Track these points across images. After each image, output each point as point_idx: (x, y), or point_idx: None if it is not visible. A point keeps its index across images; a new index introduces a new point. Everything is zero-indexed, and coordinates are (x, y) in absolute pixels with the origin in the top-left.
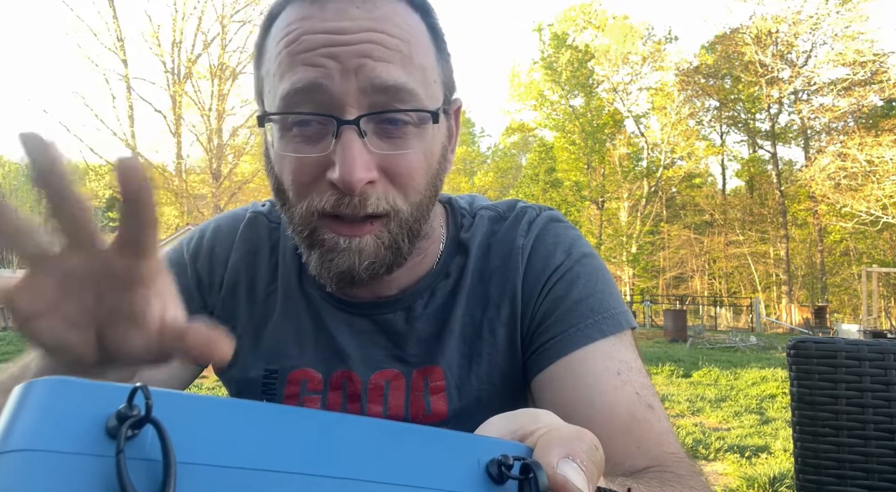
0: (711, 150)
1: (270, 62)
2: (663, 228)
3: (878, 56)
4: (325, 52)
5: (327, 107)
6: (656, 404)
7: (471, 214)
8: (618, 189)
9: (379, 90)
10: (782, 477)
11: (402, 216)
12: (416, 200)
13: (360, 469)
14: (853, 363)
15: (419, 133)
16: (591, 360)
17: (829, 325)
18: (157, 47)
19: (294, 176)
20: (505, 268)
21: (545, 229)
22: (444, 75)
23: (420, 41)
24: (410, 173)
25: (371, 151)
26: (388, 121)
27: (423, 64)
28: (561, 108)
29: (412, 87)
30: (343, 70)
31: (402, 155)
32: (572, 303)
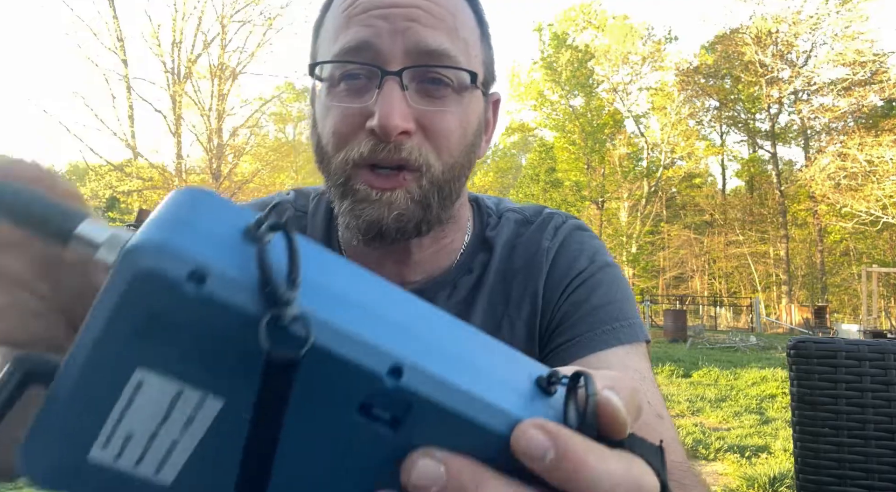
0: (711, 150)
1: (328, 27)
2: (663, 228)
3: (878, 56)
4: (377, 14)
5: (375, 62)
6: (665, 414)
7: (497, 214)
8: (618, 189)
9: (423, 53)
10: (782, 477)
11: (433, 173)
12: (449, 162)
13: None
14: (853, 363)
15: (458, 99)
16: (605, 365)
17: (829, 325)
18: (157, 47)
19: (335, 127)
20: (528, 268)
21: (570, 236)
22: (485, 57)
23: (465, 19)
24: (446, 133)
25: (411, 106)
26: (429, 80)
27: (467, 38)
28: (561, 108)
29: (455, 54)
30: (392, 30)
31: (439, 112)
32: (592, 308)
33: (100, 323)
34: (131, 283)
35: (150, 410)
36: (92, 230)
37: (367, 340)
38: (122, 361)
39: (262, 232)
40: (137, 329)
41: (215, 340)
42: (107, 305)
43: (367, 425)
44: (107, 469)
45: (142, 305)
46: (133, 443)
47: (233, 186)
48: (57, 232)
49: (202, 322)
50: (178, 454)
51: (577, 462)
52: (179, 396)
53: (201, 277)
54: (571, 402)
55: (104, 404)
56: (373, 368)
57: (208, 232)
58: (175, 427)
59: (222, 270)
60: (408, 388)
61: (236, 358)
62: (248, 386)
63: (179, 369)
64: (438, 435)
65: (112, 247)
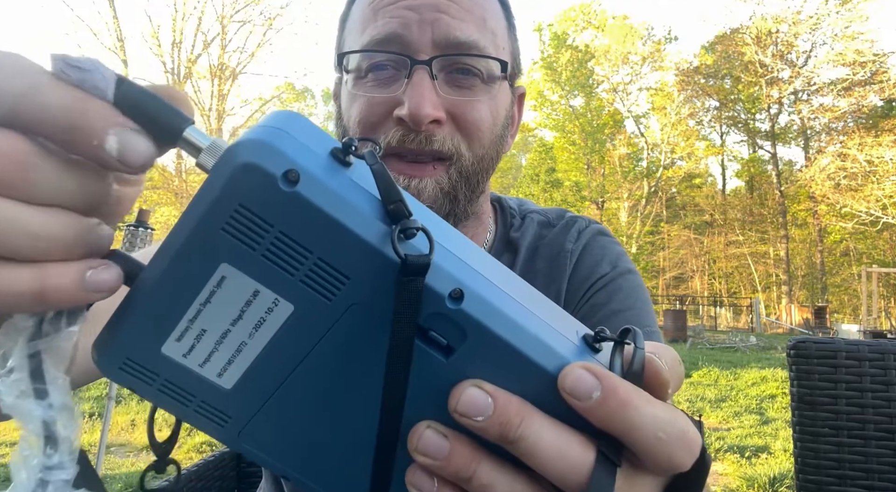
0: (711, 150)
1: (354, 18)
2: (663, 228)
3: (878, 56)
4: (405, 5)
5: (404, 52)
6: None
7: (520, 215)
8: (618, 189)
9: (452, 44)
10: (782, 477)
11: (464, 163)
12: (480, 152)
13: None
14: (853, 363)
15: (487, 89)
16: None
17: (829, 325)
18: (157, 47)
19: (362, 115)
20: (550, 269)
21: (593, 240)
22: (512, 49)
23: (494, 10)
24: (476, 122)
25: (440, 95)
26: (458, 71)
27: (495, 29)
28: (561, 108)
29: (484, 45)
30: (420, 21)
31: (469, 102)
32: (610, 312)
33: (195, 216)
34: (232, 174)
35: (226, 307)
36: (197, 135)
37: (435, 262)
38: (209, 254)
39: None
40: (230, 222)
41: (300, 242)
42: (204, 199)
43: (421, 348)
44: (175, 365)
45: (237, 197)
46: (205, 340)
47: None
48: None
49: (291, 223)
50: (242, 358)
51: (624, 402)
52: (256, 296)
53: (294, 179)
54: (618, 356)
55: (186, 296)
56: (437, 288)
57: (304, 143)
58: (246, 328)
59: (318, 175)
60: (467, 312)
61: (315, 265)
62: (319, 293)
63: (260, 268)
64: (489, 368)
65: (213, 152)
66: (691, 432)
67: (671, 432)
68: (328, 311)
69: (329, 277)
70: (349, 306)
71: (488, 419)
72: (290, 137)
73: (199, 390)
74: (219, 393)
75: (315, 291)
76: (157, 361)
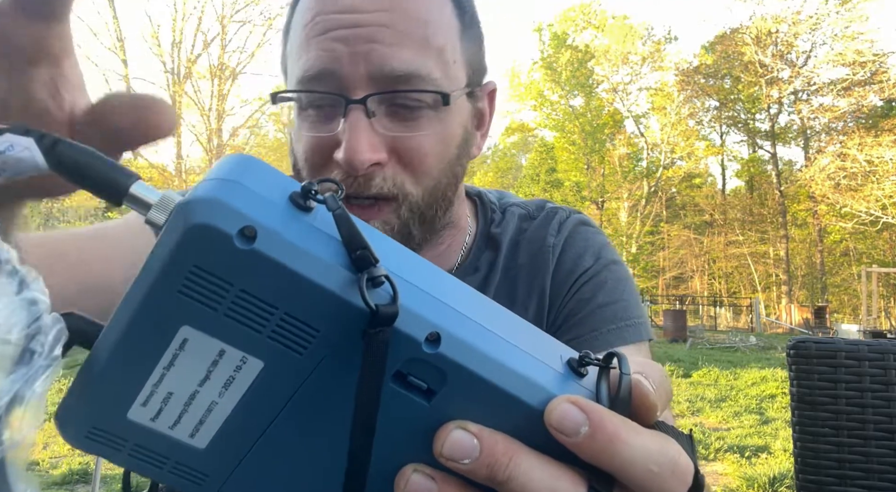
0: (711, 150)
1: (293, 41)
2: (663, 228)
3: (877, 56)
4: (335, 36)
5: (337, 89)
6: (668, 415)
7: (500, 209)
8: (618, 189)
9: (388, 77)
10: (782, 477)
11: (412, 200)
12: (429, 184)
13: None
14: (853, 363)
15: (435, 116)
16: None
17: (829, 325)
18: (157, 47)
19: (307, 155)
20: (533, 265)
21: (575, 231)
22: (469, 54)
23: (440, 20)
24: (421, 157)
25: (378, 133)
26: (400, 103)
27: (441, 45)
28: (561, 108)
29: (424, 72)
30: (352, 54)
31: (411, 137)
32: (597, 306)
33: (149, 279)
34: (184, 235)
35: (191, 369)
36: (144, 191)
37: (407, 307)
38: (168, 318)
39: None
40: (187, 284)
41: (263, 299)
42: (157, 261)
43: (401, 394)
44: (144, 430)
45: (192, 259)
46: (172, 403)
47: None
48: (111, 191)
49: (252, 280)
50: (214, 417)
51: (612, 437)
52: (222, 355)
53: (251, 235)
54: (604, 382)
55: (147, 361)
56: (412, 334)
57: (259, 194)
58: (215, 388)
59: (275, 228)
60: (445, 355)
61: (281, 320)
62: (288, 348)
63: (224, 328)
64: (473, 408)
65: (163, 208)
66: (683, 460)
67: (663, 462)
68: (300, 364)
69: (298, 331)
70: (322, 359)
71: (475, 461)
72: (244, 189)
73: (172, 453)
74: (193, 453)
75: (285, 346)
76: (125, 427)
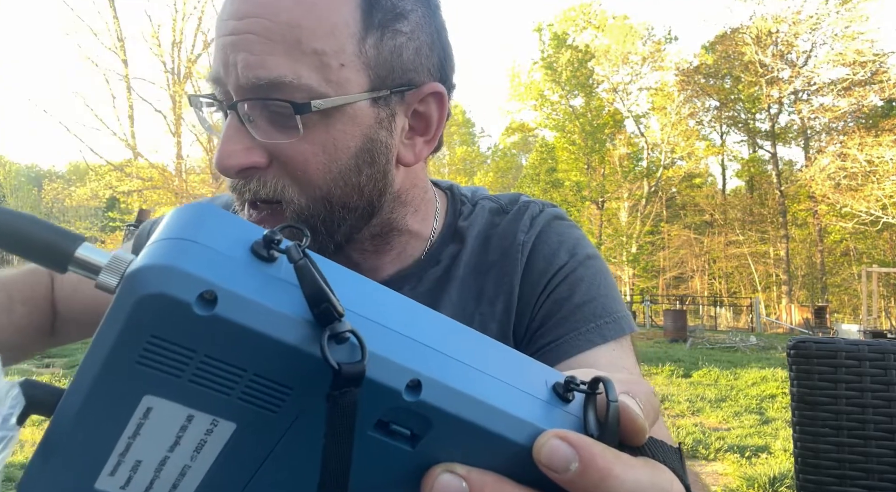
0: (711, 150)
1: None
2: (663, 228)
3: (878, 56)
4: (221, 43)
5: (225, 94)
6: (657, 427)
7: (471, 202)
8: (618, 189)
9: (254, 85)
10: (782, 477)
11: (294, 207)
12: (316, 194)
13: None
14: (853, 363)
15: (323, 124)
16: (592, 366)
17: (829, 325)
18: (157, 47)
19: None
20: (503, 263)
21: (548, 227)
22: (378, 56)
23: (323, 22)
24: (301, 165)
25: (256, 138)
26: (274, 110)
27: (322, 48)
28: (561, 108)
29: (289, 79)
30: (226, 63)
31: (289, 144)
32: (575, 306)
33: (104, 350)
34: (138, 306)
35: (159, 436)
36: (91, 253)
37: (385, 356)
38: (128, 387)
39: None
40: (145, 355)
41: (230, 363)
42: (111, 330)
43: (384, 442)
44: None
45: (148, 329)
46: (142, 470)
47: None
48: (56, 257)
49: (216, 345)
50: (188, 481)
51: (603, 472)
52: (191, 420)
53: (211, 299)
54: (591, 408)
55: (111, 432)
56: (391, 384)
57: (218, 250)
58: (186, 452)
59: (236, 290)
60: (427, 402)
61: (250, 382)
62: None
63: (190, 394)
64: (459, 449)
65: (114, 270)
66: (674, 489)
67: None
68: (275, 423)
69: (270, 391)
70: (297, 416)
71: None
72: (201, 247)
73: None
74: None
75: (257, 407)
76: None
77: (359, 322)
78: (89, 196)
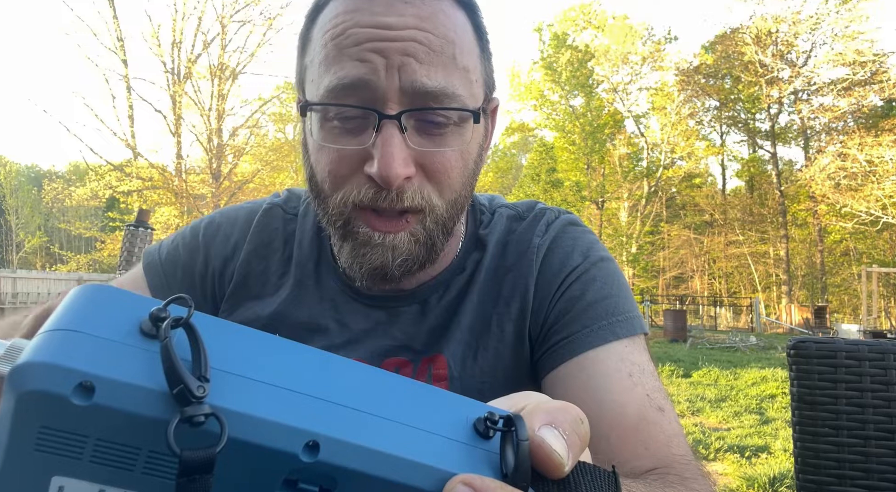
0: (711, 150)
1: (316, 52)
2: (663, 228)
3: (878, 56)
4: (372, 47)
5: (371, 101)
6: (667, 407)
7: (490, 211)
8: (618, 189)
9: (420, 93)
10: (782, 477)
11: (437, 212)
12: (452, 197)
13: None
14: (853, 363)
15: (459, 132)
16: (603, 361)
17: (829, 325)
18: (157, 47)
19: (332, 167)
20: (519, 265)
21: (563, 232)
22: (485, 74)
23: (464, 41)
24: (447, 171)
25: (410, 147)
26: (428, 120)
27: (466, 64)
28: (561, 108)
29: (453, 91)
30: (388, 66)
31: (440, 153)
32: (587, 304)
33: (4, 438)
34: (18, 403)
35: None
36: None
37: (279, 422)
38: (35, 470)
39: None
40: (41, 443)
41: (122, 442)
42: (5, 421)
43: None
44: None
45: (37, 421)
46: None
47: (233, 186)
48: None
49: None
50: None
51: None
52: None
53: (90, 388)
54: (508, 446)
55: None
56: (288, 449)
57: (101, 336)
58: None
59: (114, 376)
60: (328, 461)
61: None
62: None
63: (95, 471)
64: None
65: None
66: None
67: None
68: None
69: (170, 464)
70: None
71: None
72: (82, 337)
73: None
74: None
75: (162, 477)
76: None
77: (247, 386)
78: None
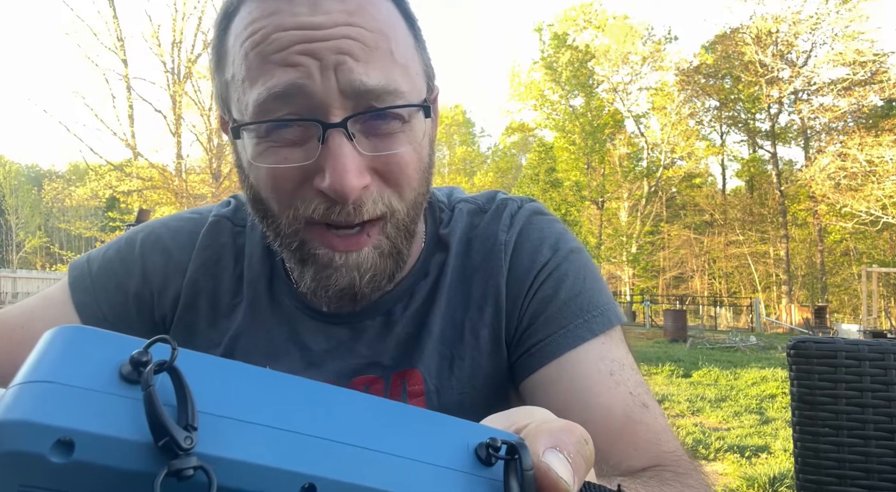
0: (711, 150)
1: (236, 65)
2: (663, 228)
3: (878, 56)
4: (302, 50)
5: (309, 109)
6: (651, 402)
7: (449, 207)
8: (618, 189)
9: (361, 93)
10: (782, 477)
11: (398, 217)
12: (412, 197)
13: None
14: (853, 363)
15: (409, 129)
16: (583, 362)
17: (829, 325)
18: (157, 47)
19: (275, 184)
20: (487, 265)
21: (529, 223)
22: (424, 64)
23: (397, 32)
24: (404, 172)
25: (361, 154)
26: (376, 121)
27: (405, 57)
28: (561, 108)
29: (396, 87)
30: (322, 67)
31: (394, 154)
32: (561, 303)
33: None
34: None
35: None
36: None
37: (273, 466)
38: None
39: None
40: None
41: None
42: None
43: None
44: None
45: (15, 480)
46: None
47: (233, 186)
48: None
49: (86, 485)
50: None
51: None
52: None
53: (69, 444)
54: (512, 475)
55: None
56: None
57: (79, 385)
58: None
59: (94, 430)
60: None
61: None
62: None
63: None
64: None
65: None
66: None
67: None
68: None
69: None
70: None
71: None
72: (57, 389)
73: None
74: None
75: None
76: None
77: (238, 429)
78: (89, 196)
